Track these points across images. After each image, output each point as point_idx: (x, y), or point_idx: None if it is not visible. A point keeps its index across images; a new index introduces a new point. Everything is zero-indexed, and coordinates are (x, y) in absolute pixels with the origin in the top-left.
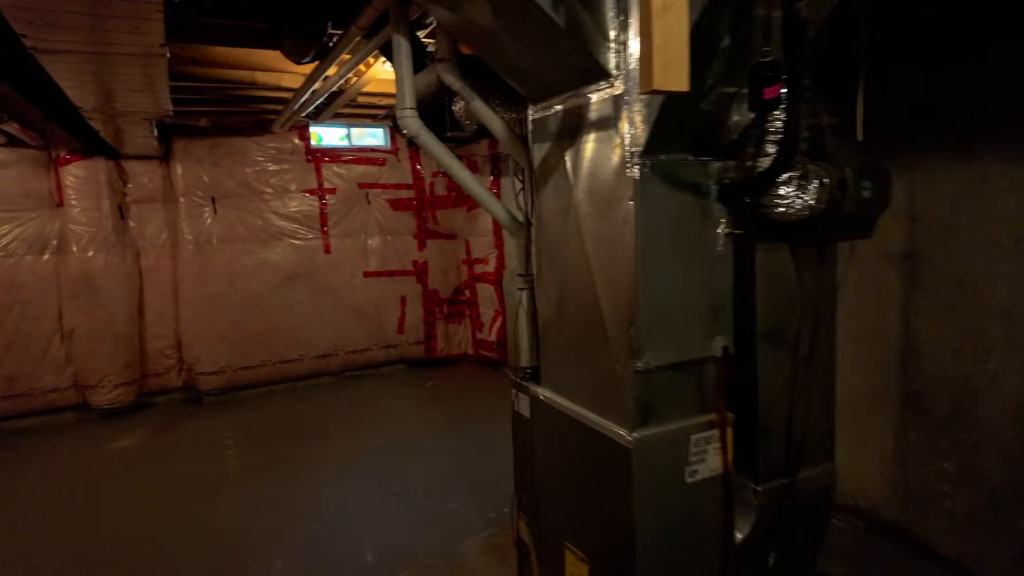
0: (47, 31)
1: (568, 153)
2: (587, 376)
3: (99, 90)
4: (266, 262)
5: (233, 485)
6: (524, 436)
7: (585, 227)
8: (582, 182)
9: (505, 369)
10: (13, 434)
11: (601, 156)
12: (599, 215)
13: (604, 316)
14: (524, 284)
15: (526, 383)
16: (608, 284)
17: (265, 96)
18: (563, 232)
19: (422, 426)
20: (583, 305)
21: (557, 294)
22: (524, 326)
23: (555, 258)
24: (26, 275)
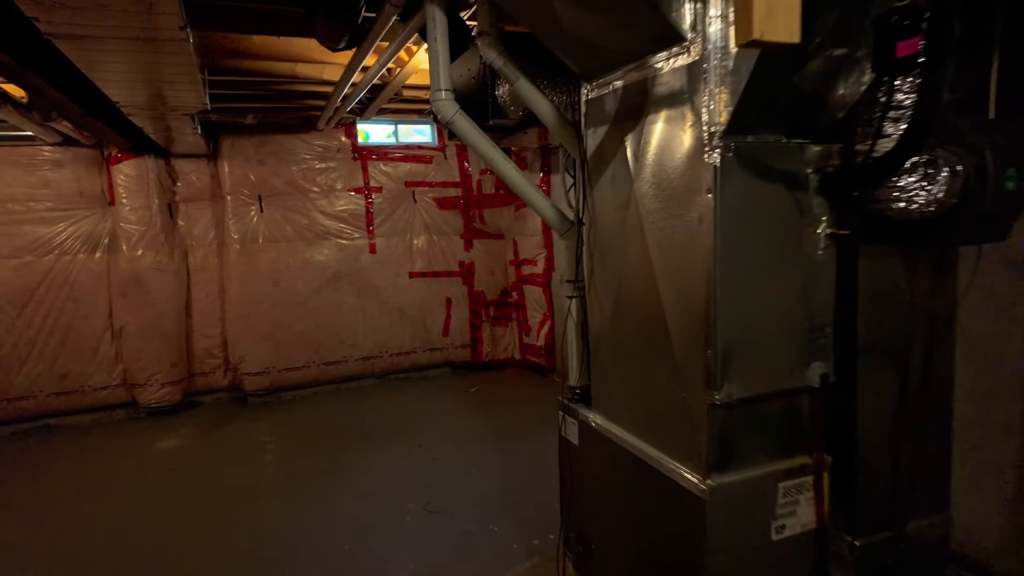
0: (59, 12)
1: (629, 138)
2: (649, 405)
3: (129, 81)
4: (312, 262)
5: (270, 495)
6: (572, 465)
7: (648, 226)
8: (646, 172)
9: (553, 376)
10: (66, 430)
11: (671, 140)
12: (667, 211)
13: (672, 334)
14: (574, 292)
15: (574, 405)
16: (677, 296)
17: (308, 91)
18: (621, 232)
19: (465, 436)
20: (645, 320)
21: (612, 305)
22: (573, 340)
23: (611, 262)
24: (79, 273)
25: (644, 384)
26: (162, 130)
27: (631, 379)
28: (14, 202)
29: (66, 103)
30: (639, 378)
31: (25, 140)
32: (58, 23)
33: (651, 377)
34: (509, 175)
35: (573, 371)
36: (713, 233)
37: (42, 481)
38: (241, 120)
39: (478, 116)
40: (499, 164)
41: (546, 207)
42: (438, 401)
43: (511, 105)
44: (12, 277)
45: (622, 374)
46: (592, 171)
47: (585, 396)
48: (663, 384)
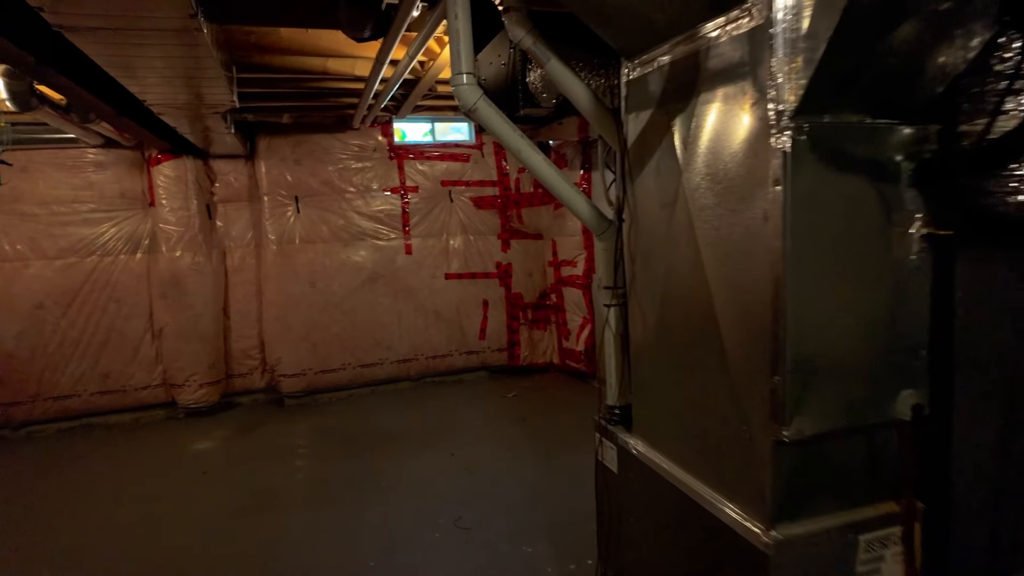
0: (63, 2)
1: (677, 122)
2: (700, 435)
3: (148, 76)
4: (348, 263)
5: (298, 502)
6: (611, 495)
7: (700, 225)
8: (697, 162)
9: (593, 382)
10: (107, 429)
11: (728, 123)
12: (723, 208)
13: (728, 354)
14: (612, 299)
15: (613, 428)
16: (736, 308)
17: (341, 88)
18: (667, 232)
19: (501, 445)
20: (695, 335)
21: (656, 315)
22: (611, 354)
23: (655, 267)
24: (120, 274)
25: (694, 411)
26: (199, 130)
27: (679, 403)
28: (59, 204)
29: (96, 102)
30: (688, 403)
31: (69, 142)
32: (63, 13)
33: (703, 403)
34: (538, 167)
35: (611, 389)
36: (781, 233)
37: (78, 481)
38: (277, 120)
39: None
40: (527, 156)
41: (581, 204)
42: (473, 407)
43: (543, 92)
44: (57, 278)
45: (668, 396)
46: (633, 163)
47: (625, 417)
48: (718, 412)
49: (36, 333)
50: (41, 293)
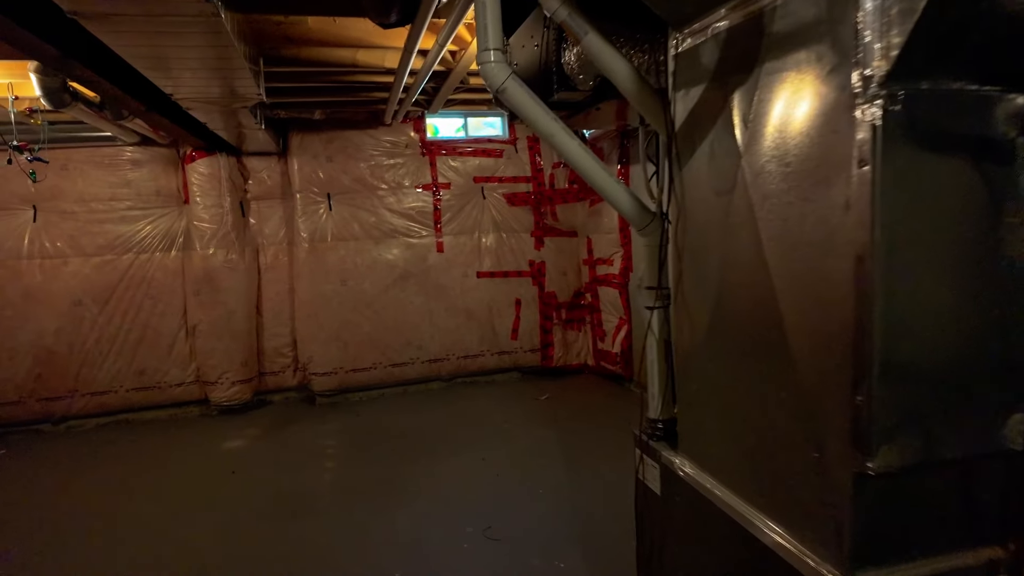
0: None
1: (736, 98)
2: (761, 460)
3: (170, 68)
4: (379, 260)
5: (325, 506)
6: (652, 518)
7: (764, 215)
8: (761, 143)
9: (630, 386)
10: (143, 426)
11: (800, 94)
12: (793, 195)
13: (797, 367)
14: (656, 301)
15: (655, 444)
16: (808, 313)
17: (371, 82)
18: (722, 225)
19: (533, 450)
20: (756, 343)
21: (708, 319)
22: (654, 361)
23: (707, 265)
24: (155, 271)
25: (753, 430)
26: (231, 127)
27: (734, 421)
28: (97, 201)
29: (124, 97)
30: (746, 421)
31: (107, 141)
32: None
33: (764, 422)
34: (574, 155)
35: (654, 400)
36: (869, 224)
37: (111, 478)
38: (309, 116)
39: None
40: (561, 141)
41: (621, 195)
42: (505, 409)
43: (580, 73)
44: (95, 275)
45: (721, 412)
46: (682, 147)
47: (669, 433)
48: (783, 434)
49: (74, 329)
50: (79, 290)
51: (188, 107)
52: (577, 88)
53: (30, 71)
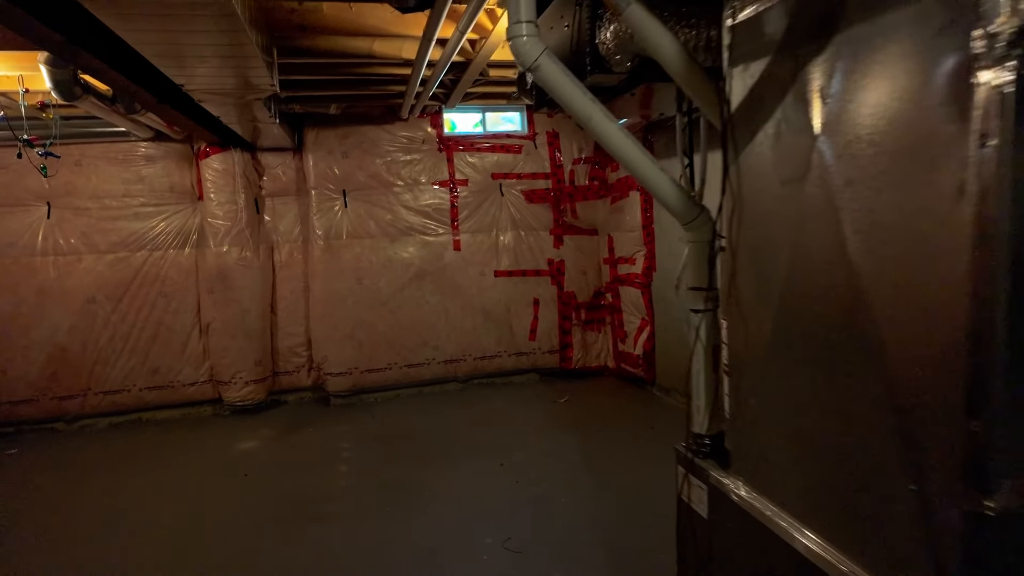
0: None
1: (810, 70)
2: (840, 487)
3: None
4: (395, 259)
5: (337, 512)
6: (697, 544)
7: (847, 204)
8: (843, 120)
9: (653, 389)
10: (155, 425)
11: (898, 60)
12: (884, 179)
13: (890, 382)
14: (704, 303)
15: (702, 463)
16: (905, 319)
17: (388, 75)
18: (790, 217)
19: (553, 455)
20: (834, 352)
21: (771, 324)
22: (701, 370)
23: (769, 263)
24: (169, 268)
25: (831, 453)
26: (245, 121)
27: (804, 441)
28: (111, 198)
29: (134, 88)
30: (821, 443)
31: (120, 136)
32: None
33: (846, 445)
34: (614, 140)
35: (699, 414)
36: (994, 214)
37: (121, 480)
38: (324, 110)
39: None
40: (600, 125)
41: (666, 186)
42: (523, 412)
43: (616, 53)
44: (108, 272)
45: (787, 431)
46: (739, 131)
47: (717, 450)
48: (870, 461)
49: (88, 327)
50: (93, 287)
51: (200, 99)
52: (613, 70)
53: (40, 63)
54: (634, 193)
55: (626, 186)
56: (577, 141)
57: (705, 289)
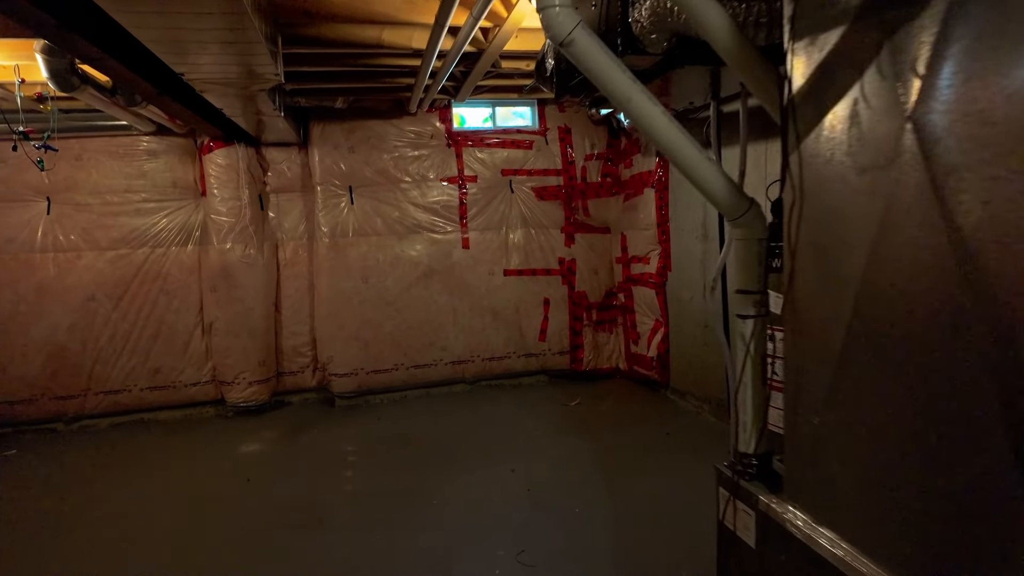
0: None
1: (903, 39)
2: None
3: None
4: (402, 257)
5: (342, 521)
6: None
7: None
8: (944, 94)
9: (666, 393)
10: (157, 426)
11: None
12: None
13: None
14: (753, 308)
15: (749, 486)
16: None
17: (397, 66)
18: (869, 210)
19: (566, 462)
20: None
21: (843, 334)
22: (749, 382)
23: (839, 262)
24: (171, 266)
25: (926, 486)
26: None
27: (889, 470)
28: (112, 193)
29: (133, 78)
30: (913, 473)
31: (122, 130)
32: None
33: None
34: (655, 123)
35: (746, 431)
36: None
37: (122, 483)
38: (331, 104)
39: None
40: (640, 107)
41: (713, 177)
42: (533, 415)
43: (652, 32)
44: (109, 269)
45: (863, 457)
46: (802, 114)
47: (765, 471)
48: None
49: (88, 325)
50: (93, 285)
51: (202, 90)
52: (647, 51)
53: (35, 51)
54: (649, 190)
55: (640, 183)
56: (589, 137)
57: (755, 292)
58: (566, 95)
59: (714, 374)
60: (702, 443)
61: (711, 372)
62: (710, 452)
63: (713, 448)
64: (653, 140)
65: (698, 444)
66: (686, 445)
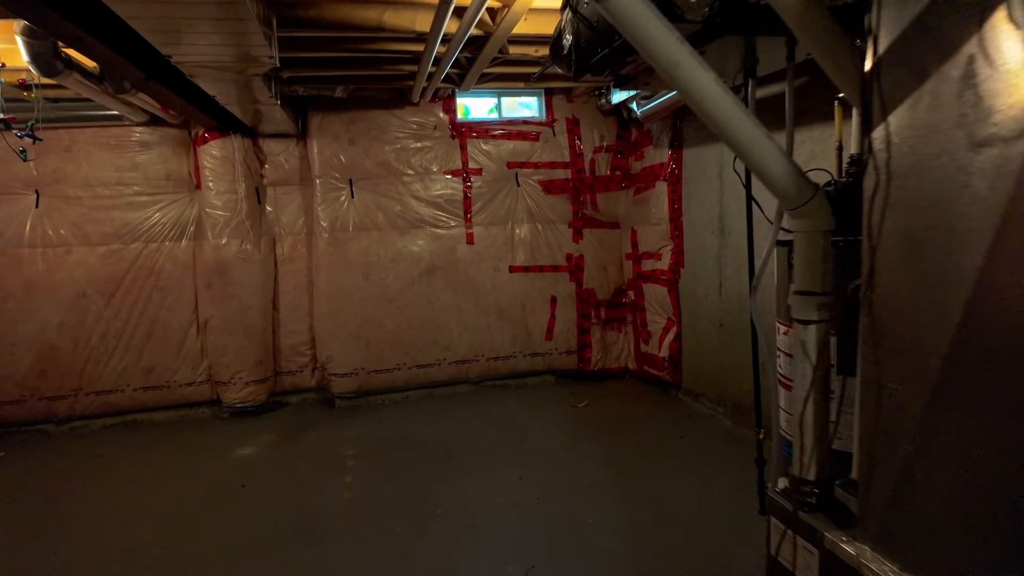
0: None
1: None
2: None
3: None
4: (404, 253)
5: (340, 531)
6: None
7: None
8: None
9: (678, 394)
10: (151, 427)
11: None
12: None
13: None
14: (817, 312)
15: (809, 518)
16: None
17: (399, 52)
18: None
19: (576, 468)
20: None
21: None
22: (810, 398)
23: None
24: (165, 262)
25: None
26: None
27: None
28: (103, 186)
29: (118, 61)
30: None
31: (113, 120)
32: None
33: None
34: (710, 96)
35: (805, 454)
36: None
37: (114, 487)
38: (330, 93)
39: None
40: (690, 74)
41: (773, 158)
42: (540, 417)
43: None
44: (100, 265)
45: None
46: (890, 80)
47: (827, 500)
48: None
49: (78, 323)
50: (84, 281)
51: (191, 74)
52: (685, 17)
53: (16, 33)
54: (661, 184)
55: (651, 176)
56: (598, 128)
57: (819, 294)
58: (586, 73)
59: (731, 375)
60: (719, 448)
61: (727, 373)
62: (728, 458)
63: (732, 454)
64: (703, 113)
65: (715, 449)
66: (702, 450)
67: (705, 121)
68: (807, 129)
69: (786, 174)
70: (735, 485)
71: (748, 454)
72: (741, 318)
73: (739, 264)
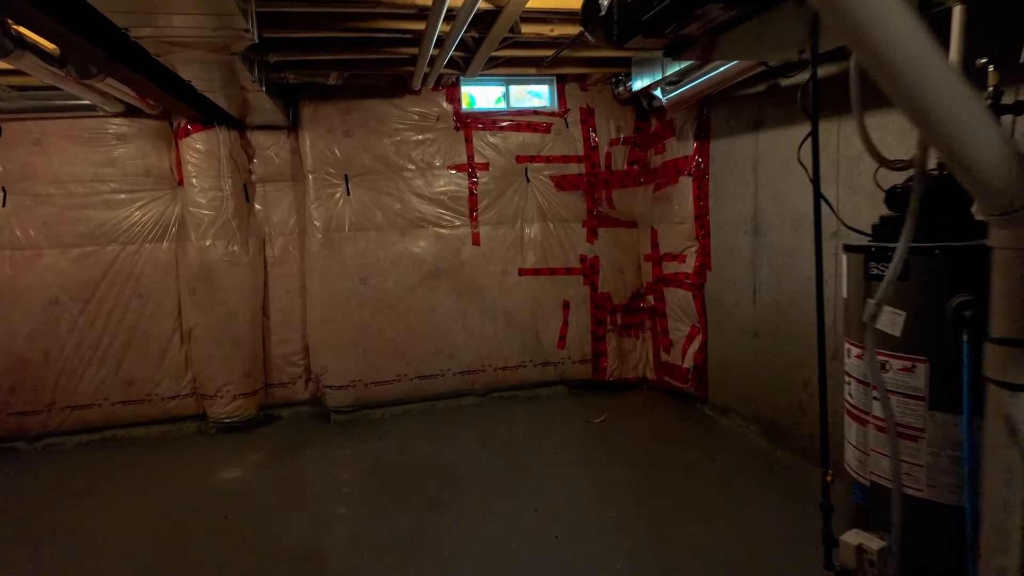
0: None
1: None
2: None
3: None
4: (405, 255)
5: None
6: None
7: None
8: None
9: (704, 408)
10: (131, 444)
11: None
12: None
13: None
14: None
15: None
16: None
17: (398, 31)
18: None
19: (597, 498)
20: None
21: None
22: (1018, 502)
23: None
24: (145, 265)
25: None
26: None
27: None
28: (76, 183)
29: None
30: None
31: (86, 111)
32: None
33: None
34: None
35: (1011, 557)
36: None
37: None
38: (323, 81)
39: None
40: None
41: (989, 140)
42: (553, 434)
43: None
44: (74, 269)
45: None
46: None
47: None
48: None
49: (50, 333)
50: (56, 286)
51: (156, 52)
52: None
53: None
54: (685, 179)
55: (674, 170)
56: (615, 119)
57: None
58: (634, 36)
59: (766, 390)
60: (757, 474)
61: (762, 388)
62: (770, 486)
63: (773, 481)
64: (876, 61)
65: (753, 475)
66: (739, 476)
67: (888, 85)
68: (851, 119)
69: (1006, 162)
70: (784, 521)
71: (793, 483)
72: (779, 327)
73: (777, 268)
